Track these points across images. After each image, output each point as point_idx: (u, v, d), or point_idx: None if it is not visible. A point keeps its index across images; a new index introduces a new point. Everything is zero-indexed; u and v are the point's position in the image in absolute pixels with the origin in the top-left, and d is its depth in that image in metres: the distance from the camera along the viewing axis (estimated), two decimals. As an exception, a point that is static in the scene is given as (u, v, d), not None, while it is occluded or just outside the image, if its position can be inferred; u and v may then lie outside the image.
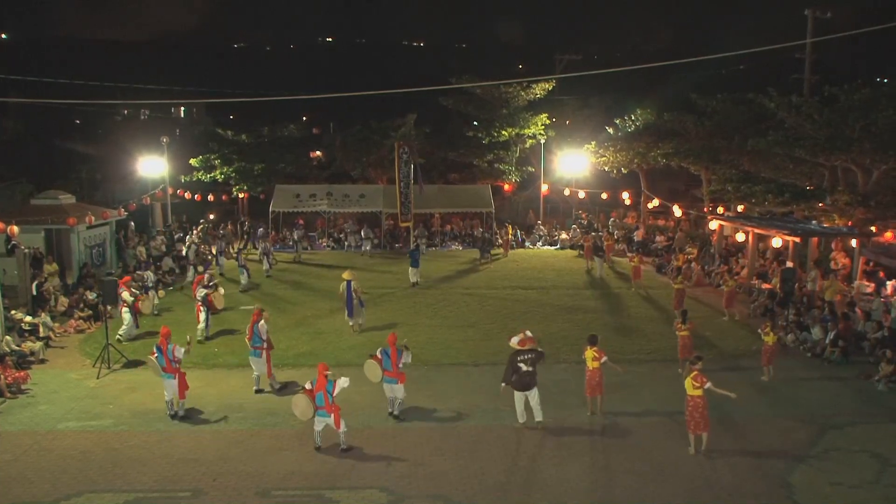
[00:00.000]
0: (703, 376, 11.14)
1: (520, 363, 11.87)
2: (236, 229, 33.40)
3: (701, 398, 11.06)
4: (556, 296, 22.66)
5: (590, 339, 12.94)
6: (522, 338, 12.09)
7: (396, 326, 18.54)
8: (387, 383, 12.44)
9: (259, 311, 14.07)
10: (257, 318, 13.79)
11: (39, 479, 10.32)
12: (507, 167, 36.64)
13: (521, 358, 11.90)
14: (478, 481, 10.31)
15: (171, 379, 12.39)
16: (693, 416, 11.11)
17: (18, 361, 15.00)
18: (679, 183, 41.11)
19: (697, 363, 11.44)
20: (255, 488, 10.09)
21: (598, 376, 12.63)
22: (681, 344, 15.14)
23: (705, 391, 11.08)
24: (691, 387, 11.11)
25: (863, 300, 19.01)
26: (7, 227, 18.30)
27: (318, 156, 45.54)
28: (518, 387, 11.93)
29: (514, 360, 11.92)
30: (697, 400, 11.07)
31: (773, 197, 24.15)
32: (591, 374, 12.68)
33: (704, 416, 11.09)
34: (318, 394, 10.98)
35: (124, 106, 51.37)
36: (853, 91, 21.31)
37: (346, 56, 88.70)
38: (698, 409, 11.07)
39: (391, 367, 12.28)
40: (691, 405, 11.13)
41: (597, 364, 12.58)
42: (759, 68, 38.92)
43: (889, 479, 10.45)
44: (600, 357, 12.57)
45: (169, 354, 12.33)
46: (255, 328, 13.69)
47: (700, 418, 11.08)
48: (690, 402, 11.14)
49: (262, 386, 13.84)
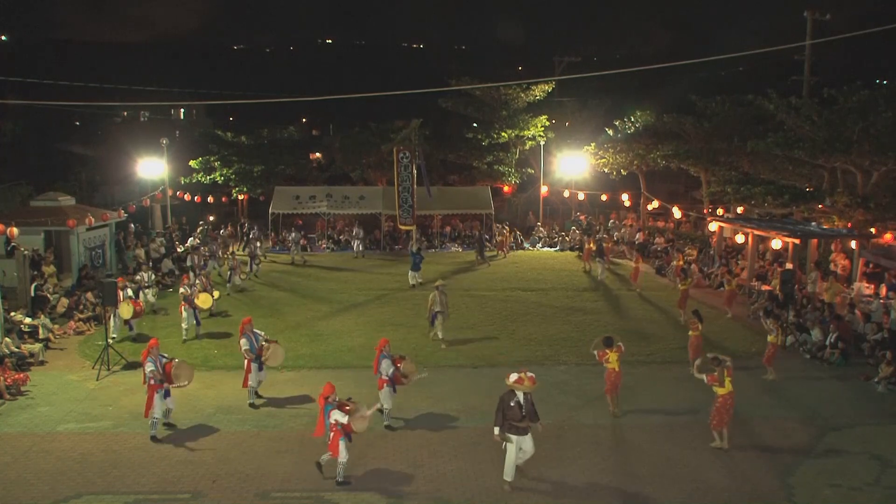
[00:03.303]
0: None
1: (512, 405, 10.14)
2: (236, 231, 33.40)
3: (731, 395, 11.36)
4: (555, 297, 22.66)
5: (606, 340, 12.91)
6: (519, 377, 10.29)
7: (396, 327, 18.55)
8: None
9: (244, 322, 13.62)
10: (243, 330, 13.39)
11: (38, 481, 10.31)
12: (506, 169, 36.66)
13: (513, 401, 10.17)
14: (477, 483, 10.31)
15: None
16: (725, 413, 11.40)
17: (18, 363, 14.99)
18: (678, 185, 41.18)
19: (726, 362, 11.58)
20: (255, 490, 10.09)
21: (620, 376, 12.75)
22: (694, 343, 15.04)
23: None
24: (728, 384, 11.29)
25: (862, 302, 19.02)
26: (7, 229, 18.31)
27: (318, 157, 45.59)
28: (511, 431, 10.17)
29: (506, 400, 10.22)
30: (728, 397, 11.36)
31: (772, 198, 24.18)
32: (618, 374, 12.73)
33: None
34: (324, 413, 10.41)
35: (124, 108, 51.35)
36: (852, 93, 21.33)
37: (345, 58, 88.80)
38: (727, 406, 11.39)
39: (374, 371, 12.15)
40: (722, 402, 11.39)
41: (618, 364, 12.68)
42: (759, 70, 39.05)
43: (889, 481, 10.46)
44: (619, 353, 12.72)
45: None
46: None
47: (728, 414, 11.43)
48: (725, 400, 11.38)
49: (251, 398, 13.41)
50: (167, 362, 12.12)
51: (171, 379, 12.00)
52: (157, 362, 11.85)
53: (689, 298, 19.86)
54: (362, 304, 21.57)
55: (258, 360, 13.24)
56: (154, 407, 11.73)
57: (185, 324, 17.57)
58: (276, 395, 13.76)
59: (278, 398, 13.60)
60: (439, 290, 17.28)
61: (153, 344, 12.05)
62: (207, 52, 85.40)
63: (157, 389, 11.72)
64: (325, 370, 15.33)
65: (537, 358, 16.31)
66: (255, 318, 14.75)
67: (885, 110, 20.34)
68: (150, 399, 11.73)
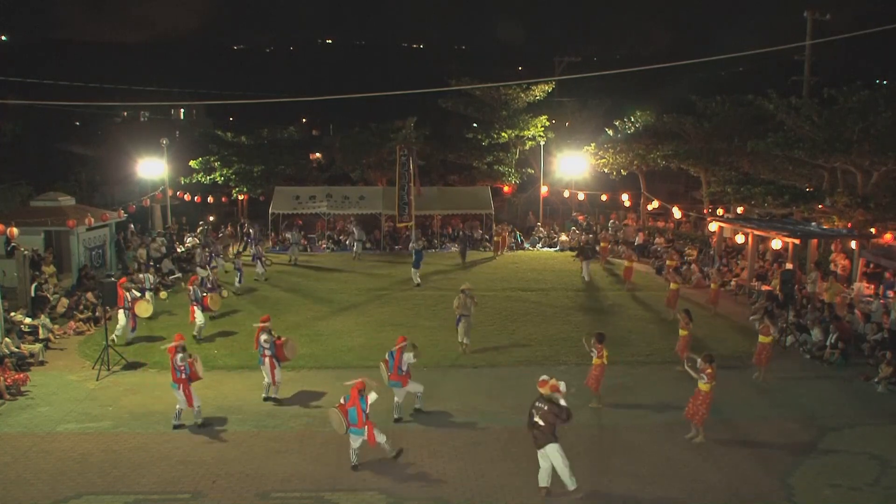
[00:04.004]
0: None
1: (531, 410, 9.89)
2: (236, 231, 33.40)
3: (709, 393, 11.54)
4: (555, 297, 22.67)
5: (599, 336, 13.26)
6: (547, 381, 9.97)
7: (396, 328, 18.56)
8: (391, 385, 12.42)
9: (263, 322, 13.85)
10: (261, 330, 13.63)
11: (38, 481, 10.30)
12: (506, 169, 36.66)
13: (535, 405, 9.88)
14: (477, 483, 10.31)
15: (176, 389, 12.21)
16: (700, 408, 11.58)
17: (18, 363, 14.99)
18: (678, 185, 41.18)
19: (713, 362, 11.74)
20: (255, 490, 10.09)
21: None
22: (683, 343, 15.19)
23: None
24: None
25: (862, 302, 19.02)
26: (7, 229, 18.31)
27: (318, 157, 45.58)
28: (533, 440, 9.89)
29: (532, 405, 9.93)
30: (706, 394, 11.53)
31: (772, 198, 24.17)
32: (603, 369, 13.15)
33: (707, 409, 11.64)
34: (350, 409, 10.60)
35: (124, 108, 51.35)
36: (852, 93, 21.34)
37: (345, 58, 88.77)
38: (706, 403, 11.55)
39: (394, 370, 12.28)
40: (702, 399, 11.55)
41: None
42: (759, 70, 39.08)
43: (888, 481, 10.46)
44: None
45: (174, 363, 12.15)
46: (259, 338, 13.60)
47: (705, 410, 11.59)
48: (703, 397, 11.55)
49: (269, 393, 13.67)
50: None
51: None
52: (184, 358, 12.21)
53: (689, 300, 19.87)
54: (362, 304, 21.58)
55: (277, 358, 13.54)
56: (195, 397, 12.13)
57: (199, 321, 17.64)
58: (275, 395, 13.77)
59: (278, 398, 13.59)
60: (465, 293, 16.54)
61: (179, 339, 12.45)
62: (207, 52, 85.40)
63: (187, 382, 12.14)
64: (325, 370, 15.35)
65: (537, 358, 16.31)
66: (255, 318, 14.78)
67: (885, 110, 20.35)
68: (188, 391, 12.09)
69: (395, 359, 12.25)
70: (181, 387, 12.09)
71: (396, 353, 12.25)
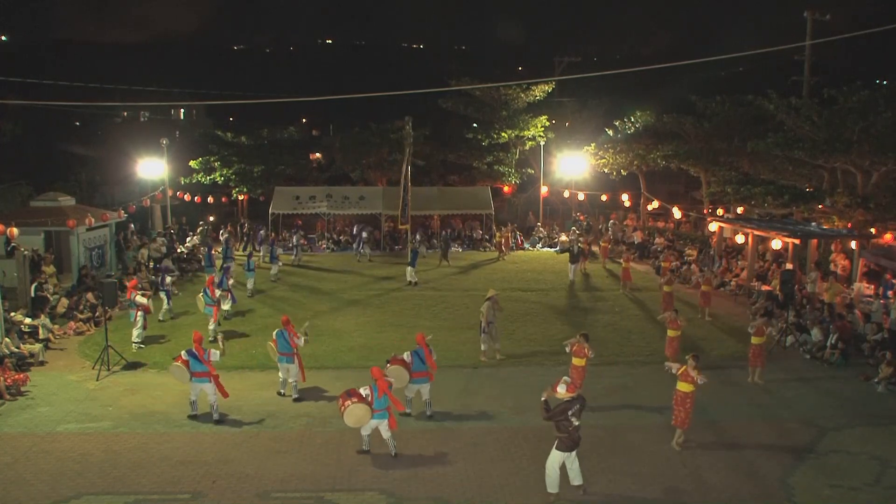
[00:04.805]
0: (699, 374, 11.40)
1: (571, 416, 9.63)
2: (236, 231, 33.39)
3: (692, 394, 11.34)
4: (555, 298, 22.66)
5: (585, 336, 13.44)
6: (569, 383, 9.93)
7: (396, 328, 18.55)
8: (416, 384, 12.43)
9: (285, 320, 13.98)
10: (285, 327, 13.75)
11: (38, 482, 10.30)
12: (506, 169, 36.67)
13: (572, 410, 9.64)
14: (477, 484, 10.31)
15: (206, 383, 12.34)
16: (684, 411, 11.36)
17: (18, 363, 14.99)
18: (678, 185, 41.18)
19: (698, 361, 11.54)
20: (255, 490, 10.08)
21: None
22: (673, 343, 15.31)
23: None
24: (688, 384, 11.24)
25: (862, 302, 19.02)
26: (7, 229, 18.30)
27: (318, 158, 45.57)
28: (565, 446, 9.73)
29: (564, 412, 9.65)
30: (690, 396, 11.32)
31: (772, 199, 24.19)
32: (583, 371, 13.36)
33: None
34: (382, 397, 10.80)
35: (124, 108, 51.34)
36: (852, 93, 21.35)
37: (345, 58, 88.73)
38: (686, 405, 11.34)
39: (424, 367, 12.34)
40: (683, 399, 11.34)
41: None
42: (759, 70, 39.01)
43: (889, 481, 10.46)
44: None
45: (205, 359, 12.31)
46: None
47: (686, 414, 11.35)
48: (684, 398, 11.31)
49: (288, 392, 13.72)
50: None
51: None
52: (201, 359, 12.37)
53: (688, 301, 19.85)
54: (362, 305, 21.58)
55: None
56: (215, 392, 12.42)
57: (212, 325, 17.71)
58: (275, 394, 13.79)
59: (278, 398, 13.61)
60: (492, 300, 16.05)
61: (199, 337, 12.66)
62: (207, 52, 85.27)
63: (217, 376, 12.48)
64: (325, 370, 15.35)
65: (537, 358, 16.31)
66: (255, 318, 14.82)
67: (885, 110, 20.36)
68: (219, 384, 12.41)
69: (426, 355, 12.36)
70: (212, 380, 12.32)
71: (425, 350, 12.39)
